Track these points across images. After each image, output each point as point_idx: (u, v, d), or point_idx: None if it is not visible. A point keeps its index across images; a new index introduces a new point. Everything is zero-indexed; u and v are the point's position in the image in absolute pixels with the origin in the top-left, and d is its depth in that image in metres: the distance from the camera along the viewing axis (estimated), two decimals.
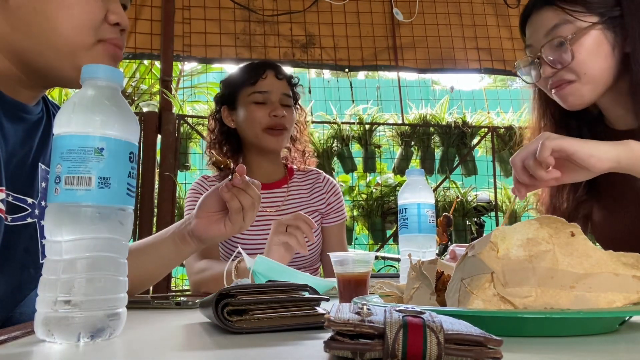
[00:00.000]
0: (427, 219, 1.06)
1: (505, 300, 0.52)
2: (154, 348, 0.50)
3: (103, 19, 0.84)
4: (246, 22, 2.93)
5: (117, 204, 0.52)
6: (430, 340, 0.36)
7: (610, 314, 0.51)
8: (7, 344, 0.50)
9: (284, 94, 1.54)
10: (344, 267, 0.87)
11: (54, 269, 0.50)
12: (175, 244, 0.98)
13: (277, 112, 1.49)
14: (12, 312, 0.85)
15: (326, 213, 1.61)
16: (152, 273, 1.01)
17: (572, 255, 0.54)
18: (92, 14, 0.83)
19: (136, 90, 3.06)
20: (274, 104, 1.51)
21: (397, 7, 3.02)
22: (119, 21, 0.85)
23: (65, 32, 0.81)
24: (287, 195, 1.59)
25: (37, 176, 0.89)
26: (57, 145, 0.52)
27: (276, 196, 1.59)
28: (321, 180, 1.65)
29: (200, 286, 1.32)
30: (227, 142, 1.60)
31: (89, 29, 0.82)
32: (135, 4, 2.81)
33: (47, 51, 0.82)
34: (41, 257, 0.88)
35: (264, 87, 1.52)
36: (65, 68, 0.84)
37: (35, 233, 0.87)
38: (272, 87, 1.53)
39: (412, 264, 0.70)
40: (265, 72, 1.53)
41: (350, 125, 2.96)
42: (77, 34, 0.82)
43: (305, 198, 1.60)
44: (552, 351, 0.45)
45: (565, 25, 1.02)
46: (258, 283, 0.86)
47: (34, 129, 0.91)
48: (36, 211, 0.87)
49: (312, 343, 0.50)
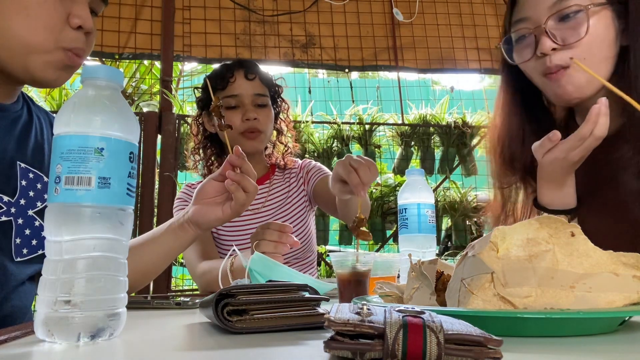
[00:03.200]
0: (427, 219, 1.06)
1: (505, 300, 0.52)
2: (154, 348, 0.50)
3: (65, 22, 0.81)
4: (246, 22, 2.93)
5: (117, 204, 0.52)
6: (430, 340, 0.36)
7: (611, 314, 0.51)
8: (7, 344, 0.50)
9: (257, 94, 1.50)
10: (344, 267, 0.87)
11: (54, 269, 0.50)
12: (175, 234, 0.99)
13: (248, 116, 1.46)
14: None
15: (308, 180, 1.60)
16: (154, 264, 1.02)
17: (572, 256, 0.54)
18: (50, 15, 0.80)
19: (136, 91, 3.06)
20: (246, 106, 1.48)
21: (397, 7, 3.02)
22: (81, 24, 0.82)
23: (19, 32, 0.79)
24: (270, 191, 1.59)
25: (14, 174, 0.89)
26: (57, 145, 0.52)
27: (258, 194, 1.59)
28: (297, 166, 1.65)
29: (208, 287, 1.33)
30: (210, 146, 1.59)
31: (45, 30, 0.80)
32: (136, 4, 2.82)
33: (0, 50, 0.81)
34: (15, 255, 0.87)
35: (234, 90, 1.48)
36: (15, 67, 0.82)
37: (10, 231, 0.87)
38: (242, 89, 1.49)
39: (412, 264, 0.70)
40: (233, 74, 1.49)
41: (350, 125, 2.96)
42: (33, 35, 0.79)
43: (287, 192, 1.60)
44: (552, 351, 0.45)
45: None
46: (256, 283, 0.86)
47: (11, 127, 0.90)
48: (12, 209, 0.87)
49: (312, 343, 0.50)
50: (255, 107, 1.49)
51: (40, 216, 0.91)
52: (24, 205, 0.89)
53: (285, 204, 1.57)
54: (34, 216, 0.91)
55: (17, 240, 0.88)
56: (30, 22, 0.79)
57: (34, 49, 0.80)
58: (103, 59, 2.76)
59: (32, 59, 0.81)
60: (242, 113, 1.48)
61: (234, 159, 0.97)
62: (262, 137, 1.52)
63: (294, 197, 1.59)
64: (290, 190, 1.60)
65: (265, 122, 1.51)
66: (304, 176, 1.62)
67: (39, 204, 0.92)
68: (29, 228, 0.90)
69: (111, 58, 2.77)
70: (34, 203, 0.91)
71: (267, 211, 1.55)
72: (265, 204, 1.56)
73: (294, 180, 1.62)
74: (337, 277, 0.89)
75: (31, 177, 0.92)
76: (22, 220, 0.89)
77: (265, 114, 1.52)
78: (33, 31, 0.79)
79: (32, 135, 0.95)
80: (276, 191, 1.60)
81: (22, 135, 0.92)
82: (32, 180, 0.92)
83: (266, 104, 1.53)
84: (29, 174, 0.91)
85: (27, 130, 0.94)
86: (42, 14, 0.79)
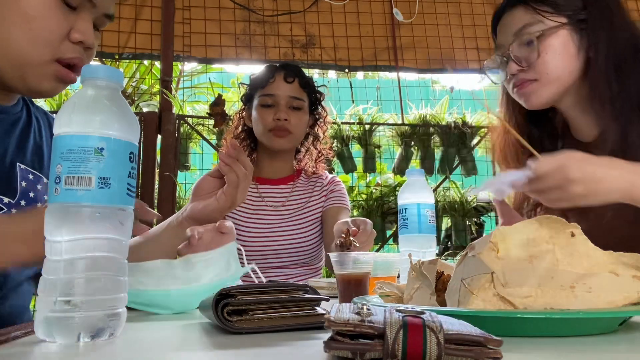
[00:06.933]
0: (427, 219, 1.06)
1: (505, 301, 0.52)
2: (154, 348, 0.50)
3: (65, 36, 0.81)
4: (246, 23, 2.93)
5: (117, 204, 0.52)
6: (430, 340, 0.36)
7: (610, 314, 0.51)
8: (7, 344, 0.50)
9: (292, 96, 1.56)
10: (344, 267, 0.87)
11: (54, 269, 0.50)
12: (174, 231, 0.99)
13: (279, 116, 1.52)
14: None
15: (327, 199, 1.63)
16: None
17: (573, 256, 0.54)
18: (52, 30, 0.79)
19: (136, 91, 3.06)
20: (279, 106, 1.54)
21: (397, 7, 3.02)
22: (82, 40, 0.82)
23: (20, 45, 0.78)
24: (291, 193, 1.62)
25: (14, 176, 0.89)
26: (57, 145, 0.52)
27: (279, 192, 1.62)
28: (324, 178, 1.68)
29: None
30: (246, 139, 1.66)
31: (44, 45, 0.79)
32: (136, 4, 2.82)
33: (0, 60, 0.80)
34: None
35: (271, 90, 1.56)
36: (12, 77, 0.82)
37: None
38: (279, 90, 1.55)
39: (412, 264, 0.70)
40: (274, 75, 1.56)
41: (350, 125, 2.95)
42: (32, 48, 0.79)
43: (308, 197, 1.62)
44: (552, 351, 0.45)
45: (534, 24, 1.04)
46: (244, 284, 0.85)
47: (11, 129, 0.90)
48: (13, 210, 0.87)
49: (312, 343, 0.50)
50: (288, 109, 1.55)
51: None
52: (24, 206, 0.89)
53: (304, 208, 1.60)
54: None
55: None
56: (31, 35, 0.78)
57: (30, 61, 0.79)
58: (103, 59, 2.76)
59: (28, 71, 0.80)
60: (274, 112, 1.54)
61: (230, 151, 0.97)
62: (291, 137, 1.56)
63: (313, 205, 1.62)
64: (311, 197, 1.63)
65: (296, 124, 1.56)
66: (327, 193, 1.65)
67: (39, 205, 0.91)
68: None
69: (111, 58, 2.77)
70: (34, 204, 0.91)
71: (286, 211, 1.59)
72: (286, 203, 1.60)
73: (318, 190, 1.65)
74: (337, 277, 0.89)
75: (31, 178, 0.91)
76: None
77: (298, 117, 1.57)
78: (33, 45, 0.78)
79: (31, 136, 0.95)
80: (298, 194, 1.63)
81: (22, 137, 0.92)
82: (32, 181, 0.91)
83: (301, 107, 1.58)
84: (29, 175, 0.91)
85: (26, 132, 0.94)
86: (45, 28, 0.79)
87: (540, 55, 1.03)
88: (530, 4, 1.05)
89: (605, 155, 0.87)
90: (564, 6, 1.04)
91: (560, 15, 1.04)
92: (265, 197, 1.61)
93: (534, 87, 1.06)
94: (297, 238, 1.55)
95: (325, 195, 1.64)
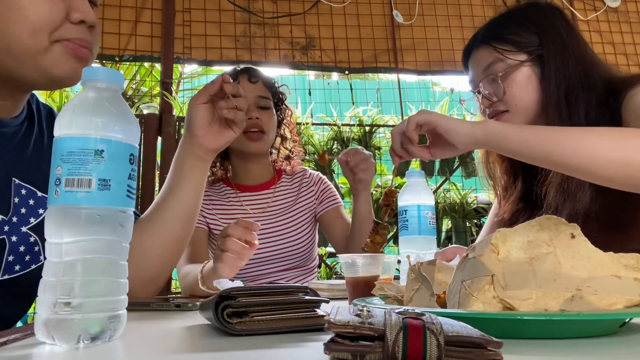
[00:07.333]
0: (427, 221, 1.06)
1: (505, 303, 0.52)
2: (154, 350, 0.50)
3: (64, 19, 0.79)
4: (246, 25, 2.94)
5: (117, 206, 0.52)
6: (430, 342, 0.36)
7: (611, 315, 0.51)
8: (7, 346, 0.50)
9: (259, 96, 1.55)
10: (354, 269, 0.86)
11: (54, 271, 0.50)
12: (198, 168, 1.03)
13: (251, 115, 1.49)
14: None
15: (319, 202, 1.62)
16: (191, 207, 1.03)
17: (575, 258, 0.54)
18: (48, 15, 0.78)
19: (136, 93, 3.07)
20: (249, 106, 1.50)
21: (397, 9, 3.03)
22: (83, 18, 0.80)
23: (19, 36, 0.77)
24: (274, 197, 1.60)
25: (8, 192, 0.86)
26: (58, 147, 0.52)
27: (262, 198, 1.60)
28: (307, 176, 1.67)
29: (186, 290, 1.33)
30: None
31: (44, 31, 0.78)
32: (136, 7, 2.82)
33: (5, 58, 0.79)
34: (1, 273, 0.85)
35: None
36: (28, 71, 0.81)
37: (2, 250, 0.85)
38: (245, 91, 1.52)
39: (410, 265, 0.70)
40: (237, 77, 1.55)
41: (350, 127, 2.96)
42: (31, 36, 0.78)
43: (293, 199, 1.61)
44: (553, 353, 0.45)
45: (498, 63, 1.14)
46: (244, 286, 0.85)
47: (7, 143, 0.88)
48: (5, 227, 0.85)
49: (312, 345, 0.50)
50: (257, 109, 1.53)
51: (35, 231, 0.88)
52: (16, 222, 0.87)
53: (290, 210, 1.58)
54: (29, 232, 0.88)
55: (9, 258, 0.85)
56: (28, 24, 0.77)
57: (36, 50, 0.79)
58: (103, 61, 2.77)
59: (38, 59, 0.79)
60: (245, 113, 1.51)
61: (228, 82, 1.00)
62: (265, 138, 1.55)
63: (300, 204, 1.60)
64: (298, 197, 1.61)
65: (267, 123, 1.54)
66: (317, 193, 1.63)
67: (32, 220, 0.89)
68: (23, 244, 0.87)
69: (111, 60, 2.78)
70: (27, 220, 0.88)
71: (269, 216, 1.56)
72: (267, 209, 1.57)
73: (305, 189, 1.63)
74: (346, 280, 0.89)
75: (24, 194, 0.88)
76: (16, 238, 0.86)
77: (268, 116, 1.55)
78: (31, 32, 0.77)
79: (29, 148, 0.92)
80: (281, 196, 1.61)
81: (19, 150, 0.90)
82: (25, 196, 0.88)
83: (269, 106, 1.57)
84: (22, 190, 0.88)
85: (24, 144, 0.91)
86: (41, 13, 0.78)
87: (506, 91, 1.13)
88: (492, 45, 1.15)
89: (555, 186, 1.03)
90: (524, 44, 1.13)
91: (520, 53, 1.13)
92: (248, 205, 1.58)
93: (507, 117, 1.15)
94: (288, 241, 1.53)
95: (314, 195, 1.62)
